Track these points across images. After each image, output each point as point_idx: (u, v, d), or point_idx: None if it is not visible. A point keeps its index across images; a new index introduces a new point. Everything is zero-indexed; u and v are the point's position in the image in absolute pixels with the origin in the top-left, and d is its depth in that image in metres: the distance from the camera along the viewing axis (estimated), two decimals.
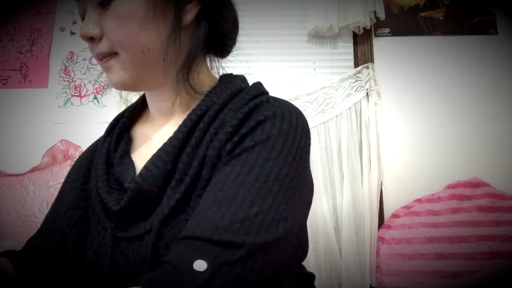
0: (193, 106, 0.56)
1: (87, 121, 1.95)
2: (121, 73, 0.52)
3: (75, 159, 1.81)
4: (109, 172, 0.56)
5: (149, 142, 0.58)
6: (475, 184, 1.68)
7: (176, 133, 0.51)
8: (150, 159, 0.51)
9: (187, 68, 0.54)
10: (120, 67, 0.52)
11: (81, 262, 0.53)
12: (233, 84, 0.57)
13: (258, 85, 0.58)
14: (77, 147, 1.84)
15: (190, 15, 0.54)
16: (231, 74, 0.62)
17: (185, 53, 0.54)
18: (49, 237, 0.60)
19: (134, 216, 0.51)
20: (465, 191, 1.67)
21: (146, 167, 0.50)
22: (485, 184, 1.68)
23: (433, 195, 1.72)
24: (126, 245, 0.49)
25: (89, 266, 0.52)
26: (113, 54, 0.51)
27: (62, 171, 1.79)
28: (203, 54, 0.59)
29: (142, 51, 0.51)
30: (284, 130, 0.48)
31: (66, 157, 1.84)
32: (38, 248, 0.61)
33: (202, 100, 0.55)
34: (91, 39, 0.51)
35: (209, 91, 0.56)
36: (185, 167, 0.49)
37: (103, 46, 0.51)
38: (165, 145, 0.51)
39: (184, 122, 0.52)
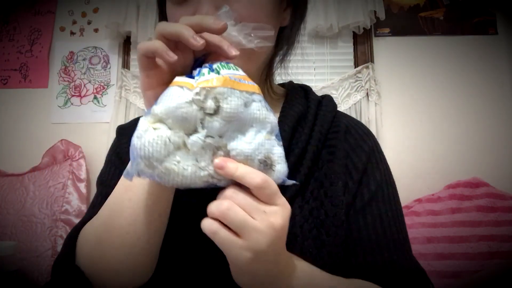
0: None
1: (87, 121, 1.95)
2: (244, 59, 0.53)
3: (75, 159, 1.81)
4: None
5: None
6: (475, 184, 1.68)
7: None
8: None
9: (273, 64, 0.61)
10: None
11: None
12: (326, 108, 0.60)
13: (333, 101, 0.63)
14: (77, 147, 1.83)
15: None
16: (294, 83, 0.67)
17: (277, 51, 0.61)
18: None
19: None
20: (465, 191, 1.67)
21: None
22: (485, 184, 1.68)
23: (433, 195, 1.72)
24: None
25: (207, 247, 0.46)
26: None
27: (62, 171, 1.79)
28: None
29: None
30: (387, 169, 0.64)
31: (66, 157, 1.84)
32: None
33: (284, 107, 0.59)
34: None
35: (286, 100, 0.60)
36: (296, 168, 0.54)
37: None
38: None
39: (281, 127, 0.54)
